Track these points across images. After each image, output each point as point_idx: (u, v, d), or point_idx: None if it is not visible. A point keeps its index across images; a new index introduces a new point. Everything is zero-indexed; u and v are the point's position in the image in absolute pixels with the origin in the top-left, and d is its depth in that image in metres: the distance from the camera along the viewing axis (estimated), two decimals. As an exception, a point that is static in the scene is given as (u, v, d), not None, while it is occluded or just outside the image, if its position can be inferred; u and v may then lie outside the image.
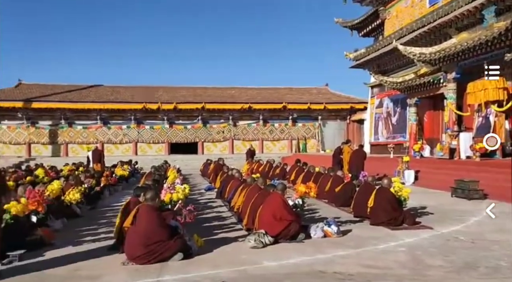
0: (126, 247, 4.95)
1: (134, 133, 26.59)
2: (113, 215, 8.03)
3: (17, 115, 25.08)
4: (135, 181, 16.24)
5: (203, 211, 8.76)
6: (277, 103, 27.74)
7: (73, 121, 26.10)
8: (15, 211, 5.53)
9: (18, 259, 5.02)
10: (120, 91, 28.07)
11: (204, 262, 4.86)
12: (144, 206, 5.19)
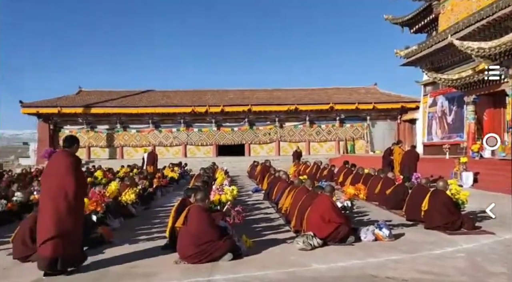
0: (178, 247, 5.12)
1: (183, 136, 27.44)
2: (165, 215, 8.35)
3: (78, 120, 26.84)
4: (185, 182, 16.75)
5: (251, 212, 8.84)
6: (324, 104, 27.35)
7: (128, 125, 27.46)
8: (78, 210, 5.91)
9: (80, 255, 5.37)
10: (170, 96, 29.12)
11: (253, 262, 4.91)
12: (195, 206, 5.34)
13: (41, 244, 4.53)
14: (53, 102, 26.56)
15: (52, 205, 4.56)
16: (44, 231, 4.54)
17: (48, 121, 26.60)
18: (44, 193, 4.84)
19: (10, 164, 29.98)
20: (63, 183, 4.60)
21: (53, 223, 4.50)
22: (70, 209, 4.61)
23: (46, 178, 4.89)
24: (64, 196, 4.56)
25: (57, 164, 4.77)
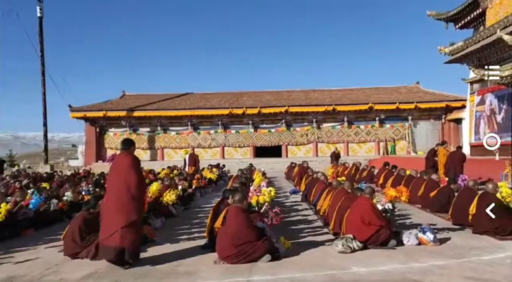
0: (217, 247, 5.20)
1: (221, 138, 27.83)
2: (204, 216, 8.50)
3: (122, 123, 27.97)
4: (223, 183, 16.97)
5: (289, 214, 8.81)
6: (363, 104, 26.75)
7: (168, 127, 28.26)
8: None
9: (126, 253, 5.59)
10: (208, 98, 29.66)
11: (292, 264, 4.89)
12: (233, 207, 5.40)
13: (110, 235, 4.89)
14: (99, 106, 27.85)
15: (117, 199, 4.98)
16: (111, 224, 4.91)
17: (94, 125, 27.93)
18: (109, 189, 5.30)
19: (60, 165, 31.77)
20: (126, 179, 5.03)
21: (120, 216, 4.89)
22: (133, 203, 5.01)
23: (111, 176, 5.37)
24: (127, 190, 4.98)
25: (119, 163, 5.24)
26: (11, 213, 7.30)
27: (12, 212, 7.39)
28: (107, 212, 5.07)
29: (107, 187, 5.54)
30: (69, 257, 5.55)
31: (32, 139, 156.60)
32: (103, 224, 5.10)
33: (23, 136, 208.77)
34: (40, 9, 27.17)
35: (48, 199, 8.83)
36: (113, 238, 4.87)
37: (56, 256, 5.68)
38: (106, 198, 5.28)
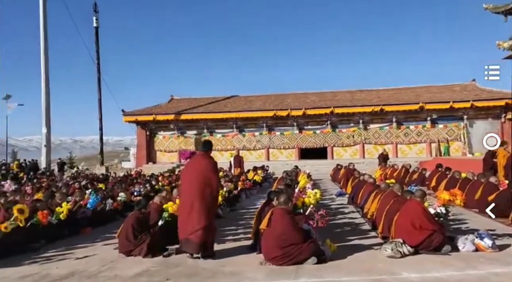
0: (263, 248, 5.24)
1: (266, 140, 27.94)
2: (250, 217, 8.59)
3: (170, 126, 28.95)
4: (268, 185, 17.02)
5: (335, 216, 8.67)
6: (413, 104, 25.64)
7: (214, 130, 28.84)
8: (172, 210, 6.40)
9: (175, 253, 5.80)
10: (253, 101, 29.91)
11: (338, 268, 4.81)
12: (278, 209, 5.42)
13: (194, 232, 5.29)
14: (149, 110, 29.03)
15: (199, 198, 5.32)
16: (195, 221, 5.31)
17: (145, 128, 29.14)
18: (186, 188, 5.60)
19: (114, 167, 33.49)
20: (207, 179, 5.41)
21: (203, 214, 5.31)
22: (213, 202, 5.53)
23: (188, 175, 5.65)
24: (210, 191, 5.40)
25: (199, 164, 5.60)
26: (71, 212, 7.81)
27: (72, 211, 7.91)
28: (188, 209, 5.39)
29: (185, 185, 5.73)
30: (123, 254, 5.85)
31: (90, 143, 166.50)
32: (184, 221, 5.43)
33: (81, 140, 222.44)
34: (96, 20, 28.88)
35: (104, 199, 9.35)
36: (197, 234, 5.29)
37: (112, 253, 6.01)
38: (183, 195, 5.62)
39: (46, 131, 25.30)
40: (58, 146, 73.44)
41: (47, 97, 25.30)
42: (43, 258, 5.84)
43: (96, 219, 8.57)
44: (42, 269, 5.29)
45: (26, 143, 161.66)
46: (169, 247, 5.86)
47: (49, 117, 25.54)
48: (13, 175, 19.02)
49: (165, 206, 6.57)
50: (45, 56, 25.18)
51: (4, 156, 31.15)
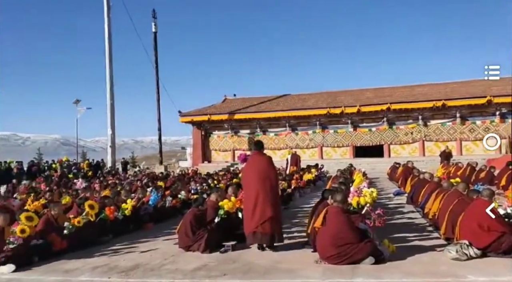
0: (318, 247, 5.21)
1: (319, 138, 27.58)
2: (303, 216, 8.58)
3: (224, 126, 29.61)
4: (322, 184, 16.82)
5: (393, 216, 8.36)
6: (479, 98, 23.85)
7: (267, 129, 29.02)
8: (227, 208, 6.58)
9: (231, 249, 5.97)
10: (305, 99, 29.66)
11: (397, 269, 4.66)
12: (333, 208, 5.36)
13: (261, 224, 5.65)
14: (204, 111, 29.91)
15: (263, 193, 5.70)
16: (261, 214, 5.67)
17: (200, 128, 30.07)
18: (248, 185, 5.99)
19: (172, 166, 34.97)
20: (268, 175, 5.83)
21: (268, 207, 5.67)
22: (276, 195, 5.94)
23: (251, 173, 6.00)
24: (270, 185, 5.79)
25: (259, 162, 6.01)
26: (135, 209, 8.31)
27: (136, 207, 8.40)
28: (253, 205, 5.73)
29: (248, 182, 6.07)
30: (183, 249, 6.12)
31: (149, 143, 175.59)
32: (250, 216, 5.77)
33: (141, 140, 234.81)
34: (154, 25, 30.29)
35: (173, 197, 9.83)
36: (264, 226, 5.66)
37: (172, 248, 6.31)
38: (248, 193, 5.96)
39: (111, 132, 27.03)
40: (121, 146, 78.13)
41: (111, 101, 27.01)
42: (111, 251, 6.27)
43: (157, 215, 9.04)
44: (111, 261, 5.69)
45: (94, 144, 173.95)
46: (226, 244, 6.03)
47: (114, 120, 27.25)
48: (83, 173, 20.61)
49: (221, 204, 6.76)
50: (109, 62, 26.89)
51: (75, 155, 33.74)
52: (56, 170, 20.33)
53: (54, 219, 6.53)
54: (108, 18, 26.85)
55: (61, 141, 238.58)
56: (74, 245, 6.33)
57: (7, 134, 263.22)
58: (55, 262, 5.64)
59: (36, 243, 5.86)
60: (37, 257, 5.67)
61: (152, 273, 4.99)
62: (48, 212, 6.69)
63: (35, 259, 5.61)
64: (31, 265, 5.44)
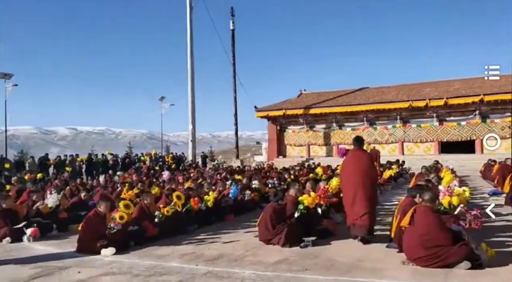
0: (405, 247, 4.95)
1: (399, 133, 26.13)
2: (385, 214, 8.23)
3: (299, 120, 29.50)
4: (403, 181, 15.96)
5: (489, 218, 7.61)
6: None
7: (343, 123, 28.28)
8: (307, 203, 6.56)
9: (311, 244, 5.94)
10: (385, 92, 28.28)
11: (497, 276, 4.25)
12: (422, 207, 5.04)
13: (360, 216, 5.92)
14: (279, 106, 30.10)
15: (363, 187, 5.97)
16: (361, 207, 5.94)
17: (275, 123, 30.34)
18: (348, 179, 6.24)
19: (247, 160, 35.83)
20: (368, 171, 6.12)
21: (367, 201, 5.95)
22: (374, 190, 6.28)
23: (349, 168, 6.28)
24: (370, 181, 6.08)
25: (360, 157, 6.27)
26: (217, 201, 8.68)
27: (217, 199, 8.77)
28: (352, 198, 6.02)
29: (347, 176, 6.31)
30: (263, 242, 6.25)
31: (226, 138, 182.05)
32: (350, 208, 6.07)
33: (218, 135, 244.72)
34: (232, 23, 31.19)
35: (244, 190, 10.12)
36: (363, 219, 5.90)
37: (253, 240, 6.47)
38: (347, 186, 6.24)
39: (192, 128, 28.52)
40: (200, 141, 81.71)
41: (192, 98, 28.47)
42: (197, 240, 6.64)
43: (237, 208, 9.34)
44: (197, 249, 6.03)
45: (175, 138, 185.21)
46: (306, 239, 6.02)
47: (194, 116, 28.73)
48: (167, 166, 22.09)
49: (301, 199, 6.75)
50: (191, 61, 28.33)
51: (159, 149, 36.24)
52: (145, 162, 22.01)
53: (146, 207, 7.10)
54: (190, 18, 28.24)
55: (147, 135, 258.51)
56: (164, 232, 6.81)
57: (102, 129, 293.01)
58: (148, 247, 6.12)
59: (132, 229, 6.43)
60: (133, 242, 6.21)
61: (235, 263, 5.17)
62: (141, 201, 7.29)
63: (131, 244, 6.16)
64: (128, 249, 5.97)
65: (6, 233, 6.69)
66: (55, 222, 7.48)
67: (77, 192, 10.34)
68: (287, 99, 31.53)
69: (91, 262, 5.36)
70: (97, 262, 5.39)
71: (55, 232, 7.34)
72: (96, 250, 5.74)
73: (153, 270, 4.92)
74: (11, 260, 5.57)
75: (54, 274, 4.86)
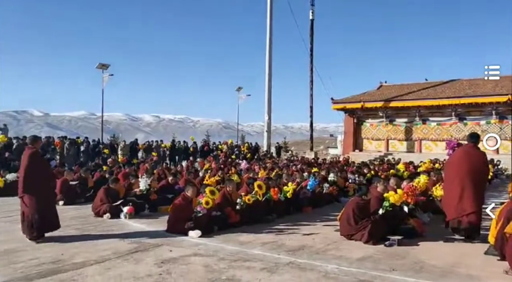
0: (508, 256, 4.48)
1: (495, 129, 23.64)
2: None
3: (378, 114, 28.19)
4: (499, 182, 14.50)
5: None
6: None
7: (427, 118, 26.41)
8: (393, 200, 6.25)
9: (397, 243, 5.67)
10: (479, 84, 25.68)
11: None
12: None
13: (467, 214, 5.78)
14: (357, 98, 29.03)
15: (470, 186, 5.80)
16: (467, 205, 5.79)
17: (352, 116, 29.37)
18: (456, 175, 6.04)
19: (320, 152, 35.31)
20: (480, 170, 6.02)
21: (476, 200, 5.80)
22: (483, 189, 6.11)
23: (458, 164, 6.10)
24: (479, 180, 5.96)
25: (472, 155, 6.05)
26: (295, 192, 8.68)
27: (296, 191, 8.77)
28: (459, 194, 5.84)
29: (455, 171, 6.10)
30: (344, 237, 6.11)
31: (298, 129, 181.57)
32: (455, 204, 5.88)
33: (291, 126, 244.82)
34: (312, 12, 30.69)
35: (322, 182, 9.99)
36: (470, 217, 5.78)
37: (333, 234, 6.36)
38: (454, 181, 6.01)
39: (268, 118, 28.82)
40: (273, 132, 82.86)
41: (269, 89, 28.72)
42: (277, 230, 6.72)
43: (315, 200, 9.26)
44: (278, 238, 6.09)
45: (249, 128, 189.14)
46: (391, 237, 5.76)
47: (271, 107, 28.97)
48: (243, 155, 22.65)
49: (386, 195, 6.46)
50: (269, 51, 28.53)
51: (235, 138, 37.32)
52: (222, 150, 22.81)
53: (229, 194, 7.35)
54: (270, 9, 28.36)
55: (223, 124, 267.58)
56: (244, 220, 7.00)
57: (182, 118, 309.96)
58: (230, 233, 6.34)
59: (215, 214, 6.71)
60: (217, 226, 6.48)
61: (317, 256, 5.13)
62: (224, 188, 7.56)
63: (215, 228, 6.43)
64: (212, 233, 6.25)
65: (106, 209, 7.42)
66: (147, 202, 8.11)
67: (164, 176, 11.08)
68: (366, 91, 30.30)
69: (180, 242, 5.70)
70: (184, 242, 5.73)
71: (146, 212, 7.96)
72: (183, 231, 6.09)
73: (237, 256, 5.08)
74: (113, 234, 6.16)
75: (149, 250, 5.26)
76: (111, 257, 4.89)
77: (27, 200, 5.63)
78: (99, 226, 6.78)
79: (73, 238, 5.85)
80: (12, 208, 8.44)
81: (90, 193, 9.36)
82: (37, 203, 5.61)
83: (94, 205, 7.72)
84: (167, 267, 4.54)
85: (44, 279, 4.10)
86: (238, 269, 4.52)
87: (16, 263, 4.61)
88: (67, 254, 4.99)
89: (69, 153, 16.13)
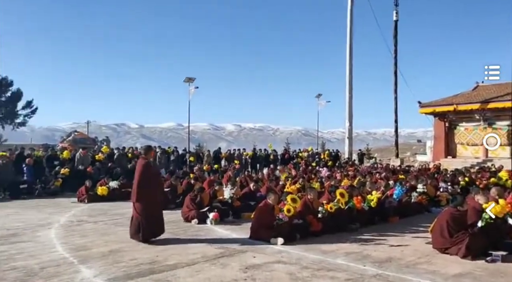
0: None
1: None
2: None
3: (474, 117, 25.63)
4: None
5: None
6: None
7: (534, 119, 23.36)
8: (495, 212, 5.62)
9: (500, 260, 5.09)
10: None
11: None
12: None
13: None
14: (449, 100, 26.77)
15: None
16: None
17: (443, 119, 27.15)
18: None
19: (407, 159, 33.19)
20: None
21: None
22: None
23: None
24: None
25: None
26: (380, 201, 8.28)
27: (381, 200, 8.37)
28: None
29: None
30: (437, 250, 5.65)
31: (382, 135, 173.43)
32: None
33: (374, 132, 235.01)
34: (396, 13, 29.23)
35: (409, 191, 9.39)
36: None
37: (425, 247, 5.93)
38: None
39: (349, 125, 28.04)
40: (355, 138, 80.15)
41: (350, 95, 27.96)
42: (361, 240, 6.46)
43: (402, 210, 8.74)
44: (362, 249, 5.86)
45: (329, 135, 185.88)
46: (494, 253, 5.19)
47: (352, 113, 28.17)
48: (324, 162, 22.29)
49: (485, 206, 5.84)
50: (350, 56, 27.84)
51: (315, 145, 36.87)
52: (303, 158, 22.73)
53: (310, 202, 7.28)
54: (351, 14, 27.74)
55: (302, 132, 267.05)
56: (327, 228, 6.86)
57: (262, 126, 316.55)
58: (312, 242, 6.26)
59: (297, 222, 6.69)
60: (299, 234, 6.45)
61: (407, 270, 4.81)
62: (305, 196, 7.52)
63: (297, 236, 6.40)
64: (294, 241, 6.23)
65: (194, 215, 7.86)
66: (231, 209, 8.41)
67: (246, 184, 11.39)
68: (459, 93, 27.83)
69: (263, 249, 5.79)
70: (267, 249, 5.80)
71: (230, 218, 8.25)
72: (266, 238, 6.18)
73: (320, 265, 4.99)
74: (201, 239, 6.50)
75: (234, 256, 5.43)
76: (200, 261, 5.16)
77: (138, 206, 6.21)
78: (188, 231, 7.20)
79: (166, 241, 6.29)
80: (116, 211, 9.40)
81: (179, 199, 9.99)
82: (146, 209, 6.17)
83: (183, 211, 8.22)
84: (251, 272, 4.64)
85: (143, 278, 4.46)
86: (322, 279, 4.44)
87: (119, 262, 5.09)
88: (162, 256, 5.38)
89: (161, 162, 17.41)
